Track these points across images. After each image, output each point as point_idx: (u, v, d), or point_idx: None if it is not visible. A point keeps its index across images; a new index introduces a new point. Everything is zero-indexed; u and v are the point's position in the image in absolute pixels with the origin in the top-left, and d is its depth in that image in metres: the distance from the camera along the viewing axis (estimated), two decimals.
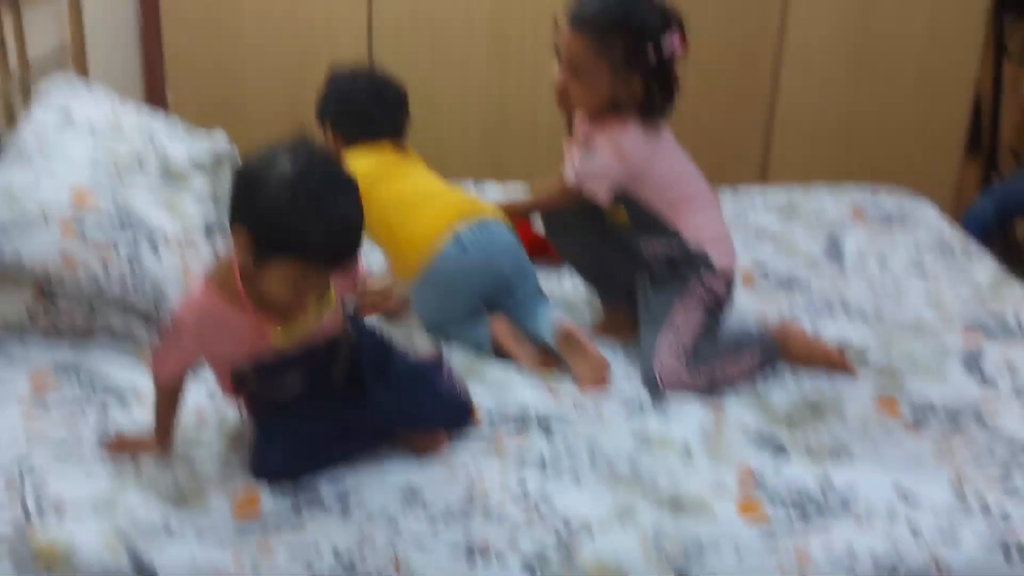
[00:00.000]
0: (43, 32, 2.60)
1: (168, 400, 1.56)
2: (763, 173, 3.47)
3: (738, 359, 1.87)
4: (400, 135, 2.22)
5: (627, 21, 1.85)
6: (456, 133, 3.41)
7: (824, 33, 3.31)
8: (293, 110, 3.35)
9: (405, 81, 2.63)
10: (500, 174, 3.37)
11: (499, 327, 1.94)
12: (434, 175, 2.17)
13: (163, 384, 1.55)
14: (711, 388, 1.84)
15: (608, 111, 1.91)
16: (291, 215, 1.35)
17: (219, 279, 1.48)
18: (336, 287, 1.51)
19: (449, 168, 3.33)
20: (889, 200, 2.80)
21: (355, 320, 1.59)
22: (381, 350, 1.62)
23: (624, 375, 1.90)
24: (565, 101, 1.95)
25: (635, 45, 1.85)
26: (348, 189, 1.41)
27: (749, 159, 3.47)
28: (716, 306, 1.95)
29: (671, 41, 1.89)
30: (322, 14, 3.28)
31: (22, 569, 1.37)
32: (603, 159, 1.90)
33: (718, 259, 1.94)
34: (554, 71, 1.94)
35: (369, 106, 2.18)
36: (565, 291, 2.26)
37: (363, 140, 2.15)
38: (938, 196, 3.39)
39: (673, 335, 1.87)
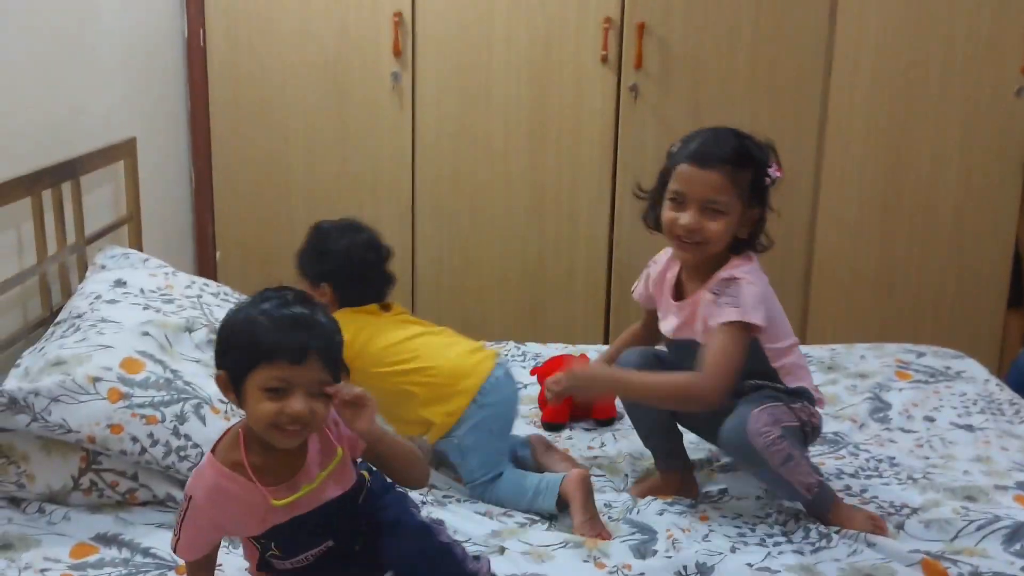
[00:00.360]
0: (102, 205, 2.71)
1: (199, 572, 1.57)
2: (803, 332, 3.47)
3: (809, 471, 1.87)
4: (389, 293, 2.25)
5: (750, 154, 1.93)
6: (495, 290, 3.47)
7: (857, 191, 3.36)
8: None
9: (447, 239, 2.73)
10: (536, 329, 3.42)
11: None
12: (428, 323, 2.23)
13: (187, 560, 1.56)
14: (783, 464, 1.81)
15: (729, 249, 1.95)
16: (244, 331, 1.43)
17: (223, 449, 1.50)
18: (344, 447, 1.52)
19: (488, 326, 3.43)
20: (934, 358, 2.78)
21: (375, 478, 1.60)
22: (399, 504, 1.60)
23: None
24: (697, 244, 1.94)
25: (758, 177, 1.92)
26: (303, 302, 1.46)
27: (789, 319, 3.46)
28: (812, 430, 1.96)
29: (775, 170, 1.95)
30: (369, 175, 3.40)
31: None
32: (750, 294, 1.90)
33: (817, 399, 1.99)
34: (666, 216, 1.96)
35: (375, 267, 2.20)
36: (607, 451, 2.24)
37: (365, 301, 2.16)
38: (982, 350, 3.37)
39: (772, 410, 1.86)
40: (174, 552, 1.54)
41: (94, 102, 2.66)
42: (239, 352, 1.43)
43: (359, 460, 1.58)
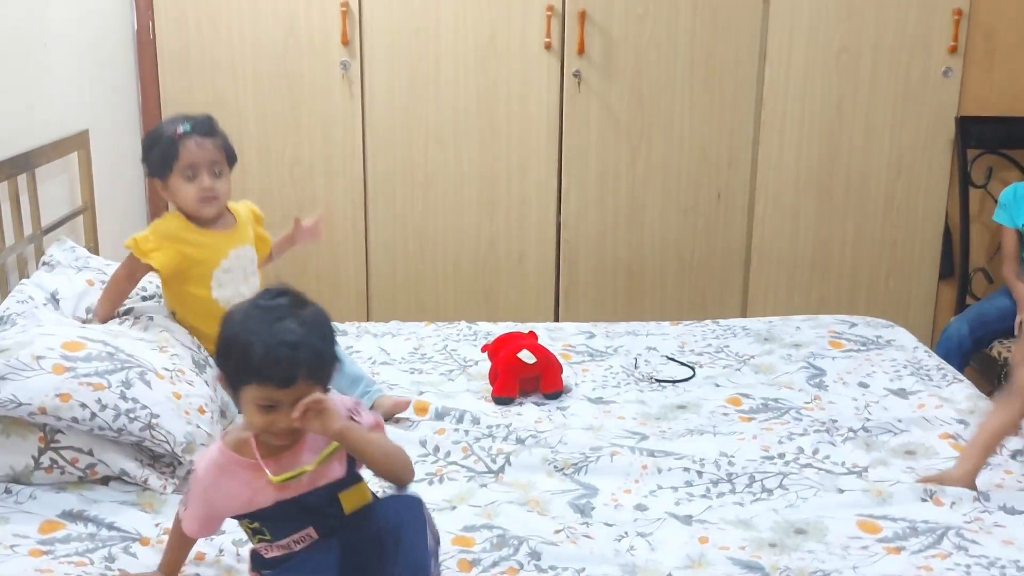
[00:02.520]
0: (58, 197, 2.76)
1: (182, 543, 1.67)
2: (743, 308, 3.61)
3: None
4: None
5: None
6: (448, 274, 3.56)
7: (793, 172, 3.50)
8: (288, 264, 3.51)
9: (400, 226, 2.77)
10: (489, 309, 3.52)
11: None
12: None
13: (191, 535, 1.65)
14: None
15: None
16: (238, 347, 1.49)
17: (233, 433, 1.60)
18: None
19: (443, 309, 3.52)
20: (865, 328, 2.91)
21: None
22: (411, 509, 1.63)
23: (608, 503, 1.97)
24: None
25: None
26: (296, 315, 1.52)
27: (730, 294, 3.61)
28: None
29: None
30: (321, 163, 3.47)
31: None
32: None
33: None
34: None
35: None
36: (554, 424, 2.34)
37: None
38: (916, 321, 3.53)
39: None
40: (181, 524, 1.62)
41: (46, 95, 2.70)
42: (234, 364, 1.51)
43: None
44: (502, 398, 2.44)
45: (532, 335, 2.57)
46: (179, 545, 1.67)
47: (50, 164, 2.66)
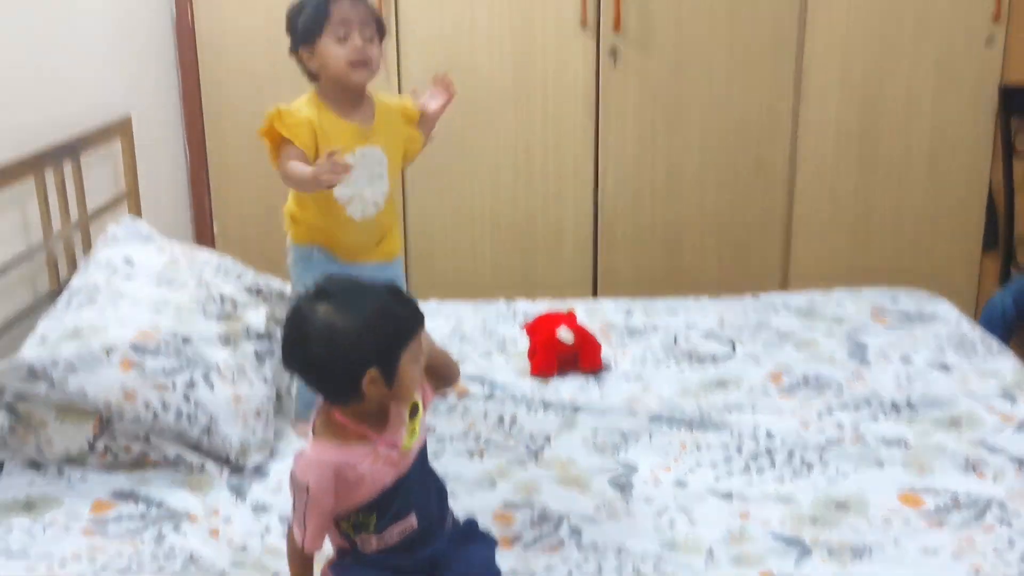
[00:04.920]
0: (102, 182, 2.81)
1: (305, 561, 1.57)
2: (784, 279, 3.58)
3: None
4: None
5: None
6: (485, 248, 3.58)
7: (834, 142, 3.46)
8: None
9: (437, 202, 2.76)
10: (527, 285, 3.53)
11: None
12: None
13: (315, 550, 1.55)
14: None
15: None
16: (383, 321, 1.46)
17: (324, 430, 1.53)
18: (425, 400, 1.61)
19: (480, 282, 3.53)
20: (908, 300, 2.89)
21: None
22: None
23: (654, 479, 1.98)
24: None
25: None
26: (357, 282, 1.54)
27: (770, 265, 3.59)
28: None
29: None
30: None
31: None
32: None
33: None
34: None
35: None
36: (592, 398, 2.36)
37: None
38: (959, 292, 3.48)
39: None
40: (301, 546, 1.53)
41: (89, 83, 2.74)
42: (390, 339, 1.46)
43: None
44: (540, 375, 2.45)
45: (571, 314, 2.58)
46: (303, 564, 1.57)
47: (94, 150, 2.71)
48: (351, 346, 1.44)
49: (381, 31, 2.14)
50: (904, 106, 3.43)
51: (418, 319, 1.50)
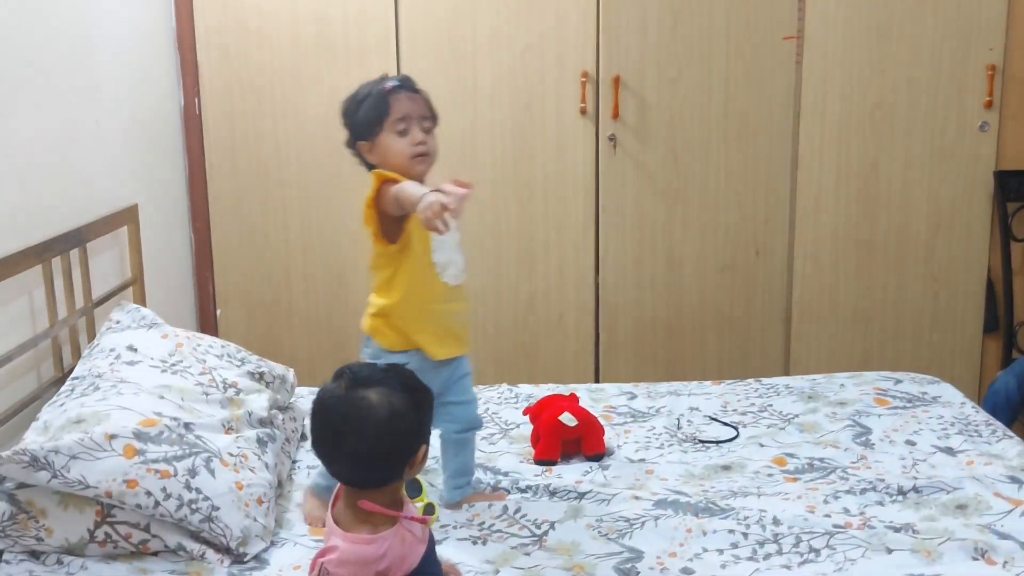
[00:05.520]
0: (108, 269, 2.84)
1: None
2: (786, 365, 3.59)
3: None
4: None
5: None
6: (488, 336, 3.59)
7: (831, 228, 3.50)
8: (333, 326, 3.57)
9: None
10: (530, 371, 3.53)
11: None
12: None
13: None
14: None
15: None
16: (416, 409, 1.53)
17: (354, 522, 1.54)
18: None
19: (483, 369, 3.53)
20: (910, 383, 2.89)
21: None
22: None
23: None
24: None
25: None
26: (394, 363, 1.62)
27: (771, 352, 3.60)
28: None
29: None
30: (363, 232, 3.51)
31: None
32: None
33: None
34: None
35: None
36: (595, 481, 2.34)
37: None
38: (962, 376, 3.49)
39: None
40: None
41: (98, 172, 2.79)
42: (429, 413, 1.55)
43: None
44: (544, 460, 2.44)
45: (573, 397, 2.58)
46: None
47: (101, 238, 2.74)
48: (409, 426, 1.50)
49: (435, 121, 2.18)
50: (900, 192, 3.48)
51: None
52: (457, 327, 2.21)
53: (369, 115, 2.12)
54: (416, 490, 2.14)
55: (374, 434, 1.49)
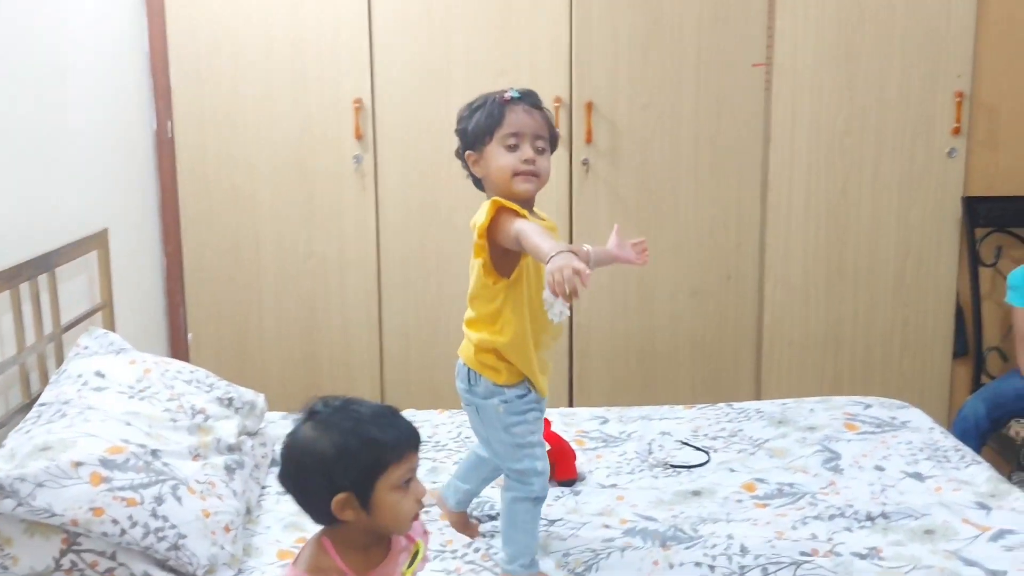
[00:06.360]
0: (77, 294, 2.82)
1: None
2: (757, 390, 3.61)
3: None
4: None
5: None
6: None
7: (801, 254, 3.53)
8: (304, 352, 3.56)
9: (414, 314, 2.76)
10: None
11: None
12: None
13: None
14: None
15: None
16: (362, 445, 1.45)
17: (308, 560, 1.52)
18: (424, 540, 1.58)
19: (456, 396, 3.53)
20: (880, 408, 2.91)
21: None
22: None
23: None
24: None
25: None
26: (361, 401, 1.53)
27: (743, 376, 3.61)
28: None
29: None
30: (335, 254, 3.52)
31: None
32: None
33: None
34: None
35: None
36: (566, 506, 2.33)
37: None
38: (931, 401, 3.52)
39: None
40: None
41: (68, 196, 2.77)
42: (364, 465, 1.45)
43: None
44: None
45: (546, 422, 2.58)
46: None
47: (70, 263, 2.72)
48: (322, 469, 1.45)
49: (554, 142, 2.07)
50: (870, 218, 3.51)
51: (402, 447, 1.47)
52: (550, 362, 2.13)
53: (480, 124, 2.01)
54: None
55: (289, 468, 1.49)
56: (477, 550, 2.15)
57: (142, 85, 3.35)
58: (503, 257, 1.98)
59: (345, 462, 1.44)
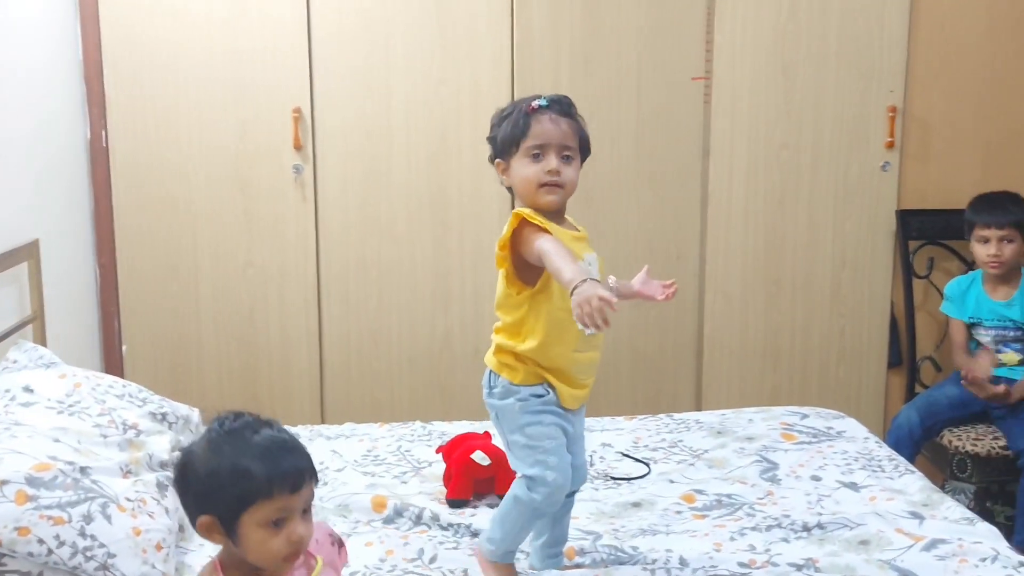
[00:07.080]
0: (6, 307, 2.75)
1: None
2: (697, 401, 3.63)
3: None
4: None
5: None
6: (403, 372, 3.56)
7: (740, 266, 3.57)
8: (243, 364, 3.51)
9: (354, 324, 2.74)
10: (445, 408, 3.51)
11: None
12: None
13: None
14: None
15: None
16: (234, 472, 1.42)
17: (207, 570, 1.50)
18: (322, 556, 1.55)
19: (398, 407, 3.51)
20: (816, 418, 2.94)
21: None
22: None
23: None
24: None
25: None
26: (270, 425, 1.49)
27: (683, 387, 3.64)
28: None
29: None
30: (274, 265, 3.48)
31: None
32: None
33: None
34: None
35: None
36: None
37: None
38: (867, 410, 3.57)
39: None
40: None
41: None
42: (231, 495, 1.42)
43: None
44: (456, 500, 2.42)
45: (487, 435, 2.57)
46: None
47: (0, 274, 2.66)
48: (193, 488, 1.46)
49: (585, 150, 2.03)
50: (806, 230, 3.56)
51: (277, 485, 1.42)
52: (586, 378, 2.08)
53: (506, 134, 1.97)
54: None
55: (174, 478, 1.52)
56: (416, 562, 2.13)
57: (75, 93, 3.28)
58: (527, 267, 1.94)
59: (211, 487, 1.42)
